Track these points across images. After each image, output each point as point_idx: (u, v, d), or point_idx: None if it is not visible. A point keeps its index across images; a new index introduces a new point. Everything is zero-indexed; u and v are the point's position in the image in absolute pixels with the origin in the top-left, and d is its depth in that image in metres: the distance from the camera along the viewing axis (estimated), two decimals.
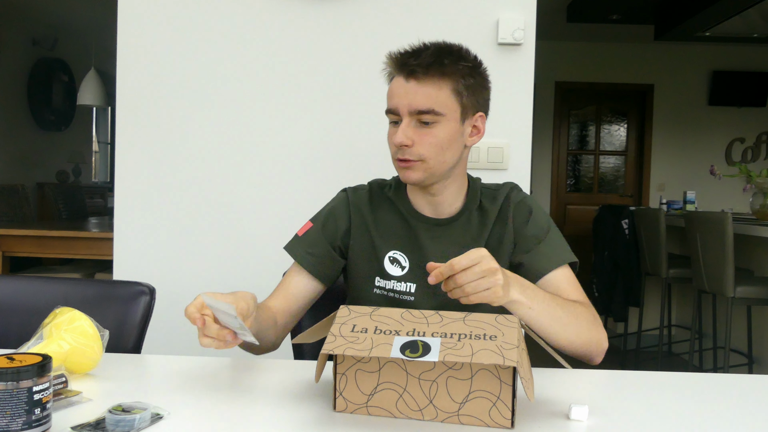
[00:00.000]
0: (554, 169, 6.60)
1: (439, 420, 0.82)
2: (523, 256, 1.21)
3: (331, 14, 2.08)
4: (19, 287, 1.37)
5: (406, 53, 1.18)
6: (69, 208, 4.82)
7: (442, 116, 1.15)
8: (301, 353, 1.42)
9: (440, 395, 0.82)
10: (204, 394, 0.93)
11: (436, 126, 1.16)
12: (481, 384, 0.81)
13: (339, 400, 0.85)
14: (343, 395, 0.84)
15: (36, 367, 0.73)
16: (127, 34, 2.08)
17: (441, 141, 1.16)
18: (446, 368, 0.82)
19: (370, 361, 0.83)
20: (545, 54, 5.94)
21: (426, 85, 1.15)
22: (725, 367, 3.19)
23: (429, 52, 1.16)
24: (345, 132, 2.09)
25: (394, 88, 1.19)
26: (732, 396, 1.00)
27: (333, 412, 0.85)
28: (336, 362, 0.84)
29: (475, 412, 0.81)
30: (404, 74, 1.16)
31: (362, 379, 0.84)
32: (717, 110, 6.47)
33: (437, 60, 1.15)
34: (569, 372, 1.07)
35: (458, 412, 0.82)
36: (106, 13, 3.19)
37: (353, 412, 0.84)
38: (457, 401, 0.82)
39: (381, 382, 0.83)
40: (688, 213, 3.69)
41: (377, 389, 0.83)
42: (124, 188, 2.11)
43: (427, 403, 0.82)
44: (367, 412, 0.84)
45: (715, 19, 4.95)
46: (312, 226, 1.30)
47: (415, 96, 1.15)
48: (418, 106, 1.14)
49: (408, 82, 1.16)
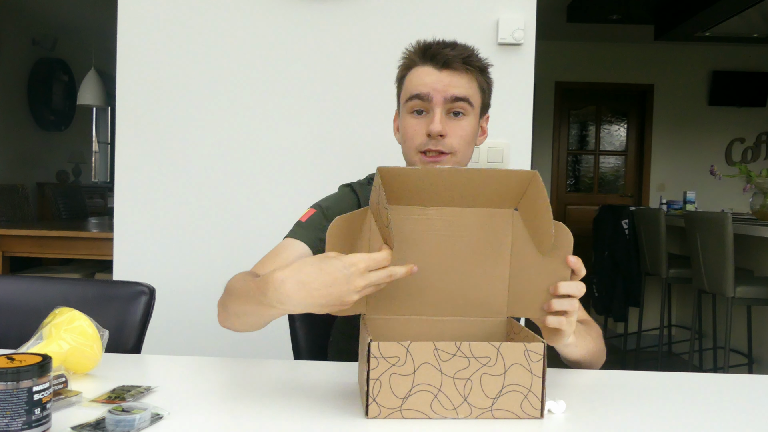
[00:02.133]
0: (554, 169, 6.61)
1: (473, 417, 0.83)
2: None
3: (331, 14, 2.08)
4: (19, 287, 1.37)
5: (438, 44, 1.17)
6: (69, 208, 4.82)
7: (472, 109, 1.16)
8: (299, 353, 1.43)
9: (474, 392, 0.83)
10: (204, 394, 0.93)
11: (465, 119, 1.16)
12: (513, 378, 0.83)
13: (372, 407, 0.82)
14: (377, 401, 0.82)
15: (36, 367, 0.73)
16: (127, 34, 2.08)
17: (468, 135, 1.17)
18: (480, 365, 0.83)
19: (405, 364, 0.82)
20: (545, 54, 5.94)
21: (461, 76, 1.16)
22: (725, 367, 3.19)
23: (462, 46, 1.17)
24: (345, 132, 2.09)
25: (422, 75, 1.17)
26: (732, 396, 1.00)
27: (366, 420, 0.82)
28: (369, 368, 0.82)
29: (508, 405, 0.83)
30: (437, 63, 1.16)
31: (396, 382, 0.82)
32: (717, 110, 6.47)
33: (472, 54, 1.17)
34: (570, 372, 1.07)
35: (492, 407, 0.83)
36: (106, 13, 3.19)
37: (387, 417, 0.82)
38: (491, 397, 0.83)
39: (416, 384, 0.82)
40: (688, 213, 3.69)
41: (412, 392, 0.82)
42: (124, 188, 2.11)
43: (462, 401, 0.83)
44: (401, 415, 0.82)
45: (715, 19, 4.95)
46: (315, 212, 1.25)
47: (450, 84, 1.15)
48: (454, 93, 1.14)
49: (441, 71, 1.15)
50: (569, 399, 0.91)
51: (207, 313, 2.13)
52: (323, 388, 0.95)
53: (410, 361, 0.82)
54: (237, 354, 2.07)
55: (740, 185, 3.96)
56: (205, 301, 2.12)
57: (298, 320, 1.43)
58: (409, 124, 1.19)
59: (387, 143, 1.23)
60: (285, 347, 1.52)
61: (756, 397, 1.00)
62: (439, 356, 0.82)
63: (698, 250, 3.33)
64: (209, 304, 2.12)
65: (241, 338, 2.13)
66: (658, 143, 6.50)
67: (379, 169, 0.87)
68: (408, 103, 1.19)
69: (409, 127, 1.19)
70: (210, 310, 2.13)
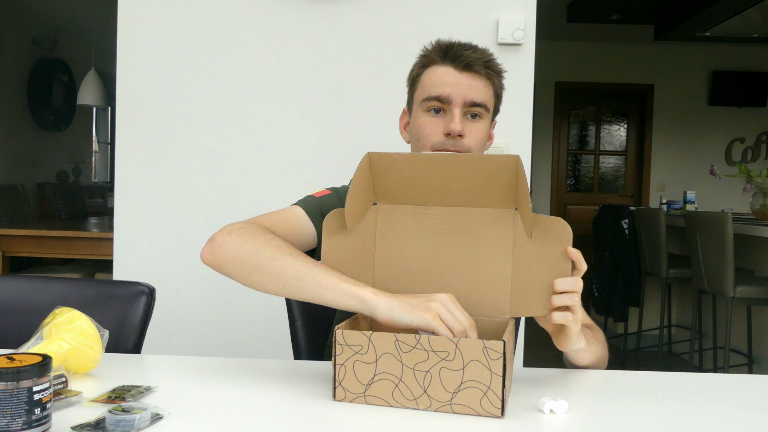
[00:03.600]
0: (554, 169, 6.61)
1: (432, 409, 0.86)
2: None
3: (331, 14, 2.08)
4: (19, 287, 1.37)
5: (461, 45, 1.17)
6: (69, 208, 4.82)
7: (487, 114, 1.17)
8: (299, 353, 1.43)
9: (434, 385, 0.85)
10: (204, 394, 0.93)
11: (480, 122, 1.16)
12: (472, 374, 0.84)
13: (338, 390, 0.88)
14: (342, 385, 0.88)
15: (36, 367, 0.73)
16: (127, 34, 2.08)
17: (483, 138, 1.17)
18: (439, 359, 0.85)
19: (367, 352, 0.87)
20: (545, 54, 5.95)
21: (481, 80, 1.16)
22: (725, 367, 3.19)
23: (483, 50, 1.17)
24: (346, 132, 2.09)
25: (441, 76, 1.17)
26: (732, 396, 1.00)
27: (333, 402, 0.88)
28: (335, 354, 0.88)
29: (467, 401, 0.85)
30: (458, 65, 1.15)
31: (360, 369, 0.87)
32: (717, 110, 6.47)
33: (492, 59, 1.17)
34: (571, 372, 1.07)
35: (451, 401, 0.85)
36: (106, 13, 3.20)
37: (352, 401, 0.88)
38: (449, 391, 0.85)
39: (378, 372, 0.87)
40: (688, 213, 3.69)
41: (374, 379, 0.87)
42: (124, 188, 2.11)
43: (422, 392, 0.86)
44: (365, 401, 0.88)
45: (715, 19, 4.95)
46: (330, 194, 1.24)
47: (470, 88, 1.15)
48: (473, 98, 1.15)
49: (461, 73, 1.15)
50: (570, 399, 0.91)
51: (207, 313, 2.13)
52: (323, 388, 0.95)
53: (372, 350, 0.87)
54: (237, 354, 2.07)
55: (740, 185, 3.96)
56: (205, 301, 2.12)
57: (299, 320, 1.43)
58: (425, 122, 1.18)
59: (387, 143, 1.23)
60: (285, 347, 1.52)
61: (756, 397, 0.99)
62: (400, 347, 0.86)
63: (698, 250, 3.33)
64: (209, 304, 2.13)
65: (241, 338, 2.13)
66: (658, 143, 6.50)
67: (370, 154, 0.93)
68: (425, 103, 1.18)
69: (426, 126, 1.18)
70: (210, 310, 2.14)
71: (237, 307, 2.11)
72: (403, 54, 2.06)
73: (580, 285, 0.93)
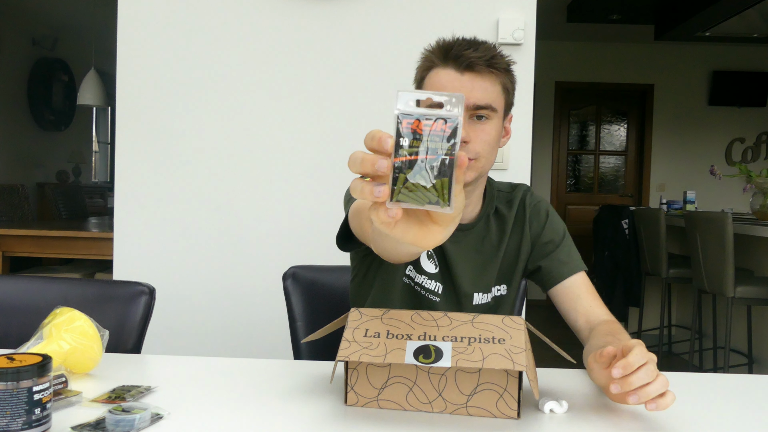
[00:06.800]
0: (554, 169, 6.60)
1: (448, 412, 0.84)
2: (541, 261, 1.20)
3: (330, 14, 2.08)
4: (19, 287, 1.37)
5: (461, 44, 1.11)
6: (69, 208, 4.82)
7: (495, 113, 1.12)
8: (299, 353, 1.42)
9: (449, 388, 0.83)
10: (204, 394, 0.93)
11: (488, 123, 1.12)
12: (488, 377, 0.83)
13: (350, 394, 0.86)
14: (355, 389, 0.86)
15: (36, 367, 0.73)
16: (127, 34, 2.08)
17: (493, 139, 1.12)
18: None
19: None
20: (545, 54, 5.95)
21: (484, 79, 1.10)
22: (725, 367, 3.19)
23: (485, 46, 1.11)
24: (346, 133, 2.09)
25: (442, 80, 1.11)
26: (732, 396, 1.00)
27: (344, 406, 0.86)
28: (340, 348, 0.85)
29: (483, 403, 0.83)
30: (459, 66, 1.10)
31: (373, 373, 0.85)
32: (717, 110, 6.47)
33: (496, 55, 1.11)
34: (572, 372, 1.07)
35: (467, 404, 0.83)
36: (106, 13, 3.20)
37: (364, 405, 0.86)
38: (465, 393, 0.83)
39: (391, 376, 0.85)
40: (688, 213, 3.69)
41: (387, 383, 0.85)
42: (124, 188, 2.11)
43: (437, 396, 0.84)
44: (377, 405, 0.85)
45: (715, 19, 4.95)
46: None
47: (473, 90, 1.09)
48: (477, 101, 1.09)
49: (463, 74, 1.10)
50: (571, 399, 0.91)
51: (207, 313, 2.13)
52: (323, 387, 0.95)
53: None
54: (237, 354, 2.07)
55: (740, 185, 3.96)
56: (205, 301, 2.12)
57: (299, 320, 1.43)
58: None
59: None
60: (285, 347, 1.52)
61: (756, 397, 0.99)
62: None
63: (698, 250, 3.33)
64: (209, 304, 2.13)
65: (241, 338, 2.13)
66: (658, 143, 6.50)
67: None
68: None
69: None
70: (210, 310, 2.14)
71: (237, 307, 2.11)
72: (404, 54, 2.06)
73: (647, 355, 0.84)
